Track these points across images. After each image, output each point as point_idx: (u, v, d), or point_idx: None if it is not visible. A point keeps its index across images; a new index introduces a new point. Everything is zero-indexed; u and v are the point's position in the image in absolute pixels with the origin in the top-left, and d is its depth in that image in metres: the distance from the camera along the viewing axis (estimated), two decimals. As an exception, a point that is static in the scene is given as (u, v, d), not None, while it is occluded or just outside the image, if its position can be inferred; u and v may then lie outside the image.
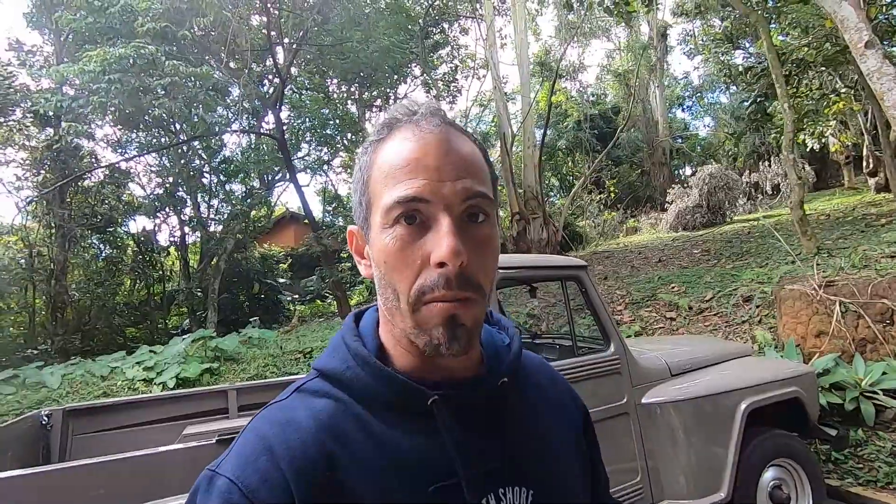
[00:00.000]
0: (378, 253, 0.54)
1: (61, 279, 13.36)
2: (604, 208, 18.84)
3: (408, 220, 0.52)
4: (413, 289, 0.52)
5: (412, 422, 0.55)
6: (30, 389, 5.42)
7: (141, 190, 15.63)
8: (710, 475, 2.54)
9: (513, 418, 0.61)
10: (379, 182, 0.54)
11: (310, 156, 16.45)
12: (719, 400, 2.62)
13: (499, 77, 14.18)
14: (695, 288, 6.64)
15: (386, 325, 0.59)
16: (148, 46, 6.08)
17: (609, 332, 2.62)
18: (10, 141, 14.29)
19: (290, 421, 0.53)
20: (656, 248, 10.49)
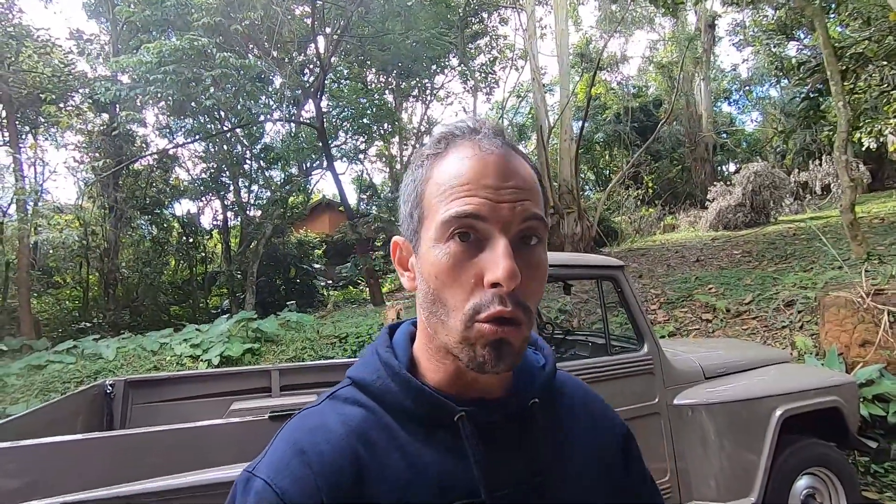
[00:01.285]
0: (429, 267, 0.54)
1: (113, 258, 14.11)
2: (641, 204, 18.43)
3: (462, 236, 0.52)
4: (466, 307, 0.52)
5: (439, 436, 0.56)
6: (88, 360, 5.84)
7: (186, 174, 16.32)
8: (740, 479, 2.54)
9: (541, 440, 0.60)
10: (434, 197, 0.55)
11: (346, 144, 16.73)
12: (753, 405, 2.61)
13: (537, 68, 13.99)
14: (733, 290, 6.48)
15: (424, 338, 0.60)
16: (201, 39, 6.36)
17: (644, 332, 2.64)
18: (68, 125, 15.15)
19: (321, 426, 0.55)
20: (694, 248, 10.23)
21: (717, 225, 13.20)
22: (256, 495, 0.50)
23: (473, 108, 17.35)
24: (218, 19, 6.75)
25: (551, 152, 15.99)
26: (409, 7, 8.60)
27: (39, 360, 5.70)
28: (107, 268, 14.41)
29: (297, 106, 13.43)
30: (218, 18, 6.74)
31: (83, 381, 5.17)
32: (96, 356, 5.81)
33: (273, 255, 15.90)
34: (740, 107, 26.94)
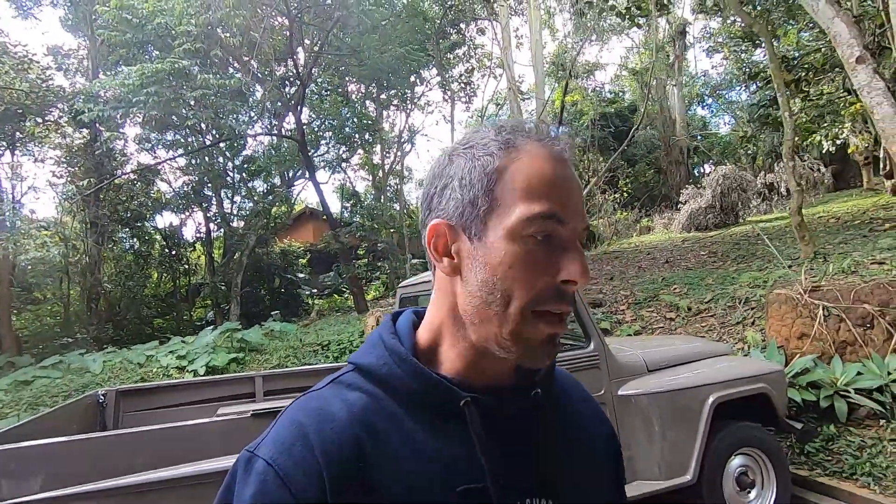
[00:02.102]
0: (502, 257, 0.54)
1: (95, 272, 14.08)
2: (618, 207, 18.94)
3: (543, 235, 0.54)
4: (532, 297, 0.53)
5: (444, 422, 0.56)
6: (74, 374, 5.97)
7: (168, 186, 16.37)
8: (677, 459, 2.86)
9: (544, 430, 0.62)
10: (513, 190, 0.55)
11: (329, 153, 16.93)
12: (688, 393, 2.93)
13: (513, 78, 14.42)
14: (696, 289, 6.86)
15: (445, 325, 0.60)
16: (182, 61, 6.59)
17: (590, 331, 2.95)
18: (47, 140, 15.11)
19: (324, 410, 0.55)
20: (665, 249, 10.66)
21: (688, 226, 13.69)
22: (258, 476, 0.50)
23: (451, 117, 17.71)
24: (199, 45, 6.99)
25: (529, 159, 16.38)
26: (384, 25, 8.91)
27: (26, 376, 5.82)
28: (89, 282, 14.38)
29: (279, 118, 13.63)
30: (199, 45, 6.98)
31: (71, 395, 5.31)
32: (83, 370, 5.95)
33: (257, 266, 16.00)
34: (713, 110, 27.77)
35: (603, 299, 7.47)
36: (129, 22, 6.93)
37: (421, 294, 3.64)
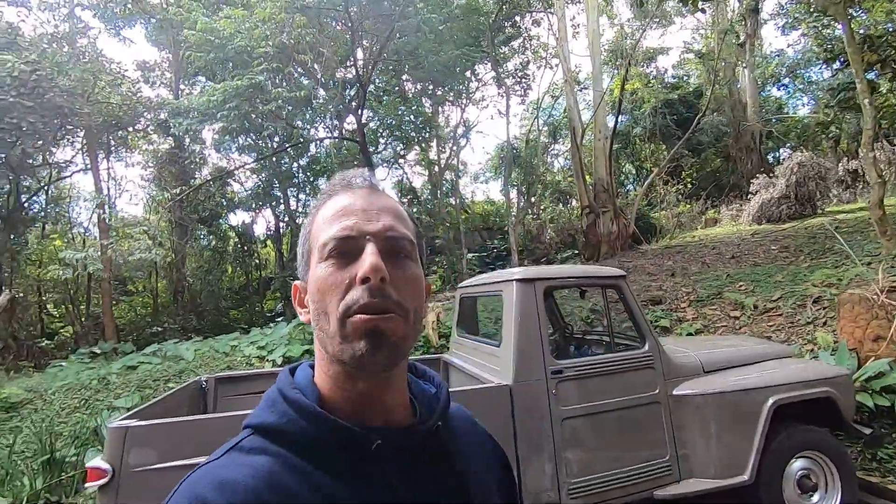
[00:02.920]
0: (314, 284, 0.60)
1: (180, 267, 15.43)
2: (682, 198, 18.19)
3: (339, 253, 0.59)
4: (341, 306, 0.57)
5: (354, 468, 0.56)
6: (171, 361, 6.72)
7: (240, 187, 17.59)
8: (734, 459, 2.91)
9: (447, 461, 0.64)
10: (317, 230, 0.63)
11: (386, 151, 17.46)
12: (746, 395, 2.96)
13: (569, 70, 14.19)
14: (764, 287, 6.61)
15: (322, 366, 0.62)
16: (258, 77, 7.20)
17: (644, 332, 3.04)
18: (136, 147, 16.68)
19: (227, 481, 0.51)
20: (732, 243, 10.22)
21: (759, 218, 12.98)
22: None
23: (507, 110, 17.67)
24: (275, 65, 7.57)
25: (587, 151, 16.11)
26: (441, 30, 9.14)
27: (132, 362, 6.63)
28: (174, 277, 15.81)
29: (340, 120, 14.25)
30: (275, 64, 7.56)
31: (170, 380, 6.02)
32: (178, 357, 6.68)
33: (322, 261, 16.81)
34: (789, 91, 25.79)
35: (663, 296, 7.36)
36: (211, 43, 7.65)
37: (480, 295, 3.85)
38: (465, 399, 2.76)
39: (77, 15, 13.32)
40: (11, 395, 5.88)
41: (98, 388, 6.03)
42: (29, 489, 4.24)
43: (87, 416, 5.46)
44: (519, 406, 2.73)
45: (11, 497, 4.20)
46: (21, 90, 8.38)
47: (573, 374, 2.87)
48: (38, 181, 14.74)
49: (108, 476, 2.20)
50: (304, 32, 7.05)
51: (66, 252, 10.26)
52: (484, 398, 2.74)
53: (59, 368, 7.43)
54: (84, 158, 15.36)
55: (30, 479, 4.35)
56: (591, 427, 2.84)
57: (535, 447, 2.72)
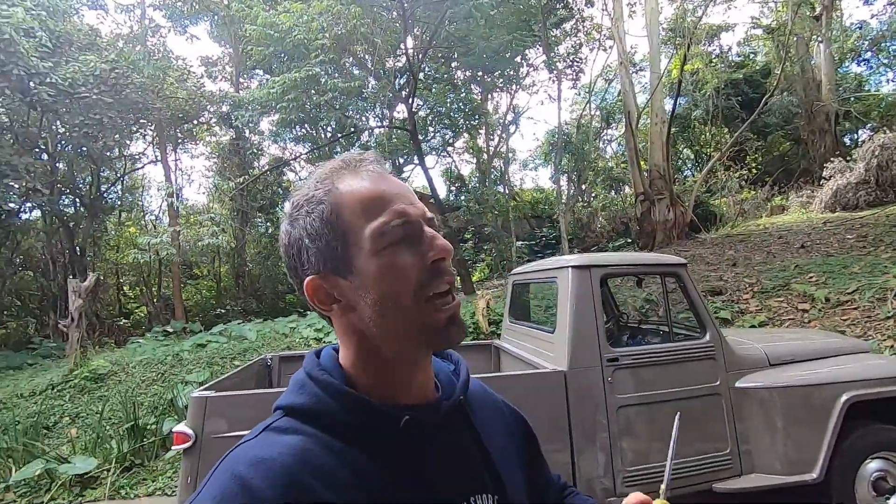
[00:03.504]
0: (376, 273, 0.58)
1: (241, 253, 16.28)
2: (745, 185, 17.18)
3: (399, 237, 0.59)
4: (415, 287, 0.58)
5: (385, 445, 0.58)
6: (236, 340, 7.16)
7: (294, 175, 18.24)
8: (801, 456, 2.79)
9: (471, 434, 0.67)
10: (354, 218, 0.59)
11: (435, 139, 17.52)
12: (816, 390, 2.83)
13: (625, 51, 13.66)
14: (837, 278, 6.19)
15: (359, 354, 0.62)
16: (314, 69, 7.44)
17: (705, 321, 2.96)
18: (201, 139, 17.64)
19: (264, 459, 0.53)
20: (801, 232, 9.60)
21: (833, 205, 12.09)
22: None
23: (558, 95, 17.29)
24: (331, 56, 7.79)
25: (642, 135, 15.50)
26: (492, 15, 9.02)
27: (202, 340, 7.13)
28: (235, 262, 16.71)
29: (390, 109, 14.44)
30: (331, 56, 7.78)
31: (235, 358, 6.43)
32: (242, 337, 7.12)
33: (372, 248, 17.20)
34: (872, 66, 23.61)
35: (724, 287, 7.05)
36: (271, 37, 7.96)
37: (533, 281, 3.85)
38: (519, 383, 2.80)
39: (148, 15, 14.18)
40: (99, 367, 6.48)
41: (172, 364, 6.54)
42: (117, 451, 4.69)
43: (163, 389, 5.94)
44: (573, 392, 2.73)
45: (102, 458, 4.66)
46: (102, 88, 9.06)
47: (629, 362, 2.84)
48: (115, 172, 15.93)
49: (192, 441, 2.41)
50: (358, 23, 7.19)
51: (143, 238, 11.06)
52: (538, 383, 2.76)
53: (138, 345, 8.09)
54: (154, 150, 16.45)
55: (117, 443, 4.81)
56: (647, 416, 2.80)
57: (589, 434, 2.72)
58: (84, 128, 9.43)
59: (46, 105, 8.74)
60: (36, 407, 5.87)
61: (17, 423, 5.39)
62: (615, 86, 20.41)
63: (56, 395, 6.12)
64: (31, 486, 4.39)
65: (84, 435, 5.19)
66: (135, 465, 4.71)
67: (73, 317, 6.80)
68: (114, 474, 4.49)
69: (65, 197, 14.15)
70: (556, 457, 2.66)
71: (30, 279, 14.61)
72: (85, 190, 14.57)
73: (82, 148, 11.66)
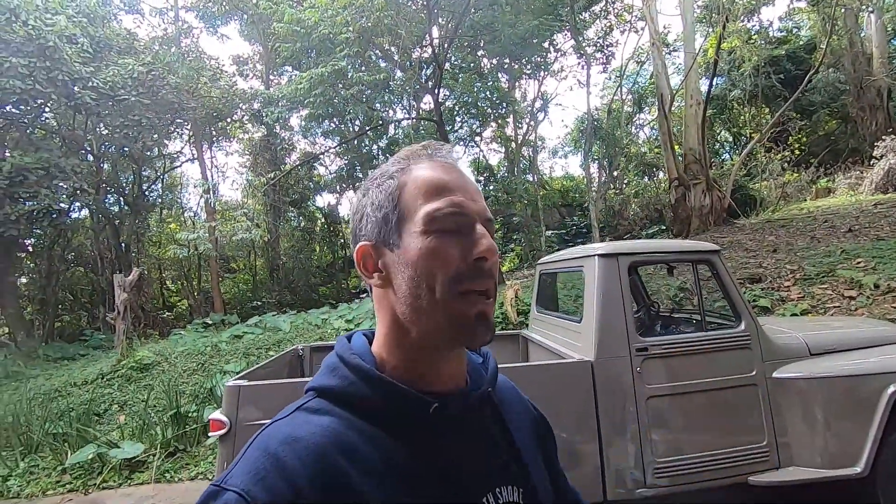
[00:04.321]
0: (418, 252, 0.59)
1: (275, 247, 16.69)
2: (788, 167, 16.40)
3: (448, 225, 0.60)
4: (451, 276, 0.58)
5: (413, 430, 0.59)
6: (270, 331, 7.37)
7: (325, 170, 18.52)
8: (844, 449, 2.67)
9: (498, 425, 0.68)
10: (414, 198, 0.61)
11: (462, 129, 17.43)
12: (860, 380, 2.70)
13: (657, 31, 13.18)
14: (888, 264, 5.85)
15: (393, 336, 0.63)
16: (340, 63, 7.52)
17: (740, 310, 2.85)
18: (234, 136, 18.10)
19: (297, 438, 0.54)
20: (849, 215, 9.11)
21: (885, 186, 11.44)
22: None
23: (587, 80, 16.86)
24: (356, 50, 7.84)
25: (677, 118, 14.98)
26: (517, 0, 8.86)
27: (238, 332, 7.39)
28: (270, 256, 17.16)
29: (417, 100, 14.42)
30: (356, 49, 7.83)
31: (270, 348, 6.63)
32: (276, 329, 7.33)
33: (402, 240, 17.32)
34: (930, 36, 21.98)
35: (763, 274, 6.77)
36: (297, 33, 8.07)
37: (560, 271, 3.80)
38: (547, 373, 2.78)
39: (181, 17, 14.59)
40: (144, 357, 6.81)
41: (211, 354, 6.80)
42: (161, 437, 4.93)
43: (203, 378, 6.19)
44: (601, 382, 2.70)
45: (148, 443, 4.91)
46: (139, 90, 9.41)
47: (660, 352, 2.77)
48: (155, 171, 16.57)
49: (227, 428, 2.51)
50: (382, 15, 7.21)
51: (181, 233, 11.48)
52: (565, 373, 2.74)
53: (179, 336, 8.44)
54: (191, 149, 16.99)
55: (161, 429, 5.05)
56: (678, 407, 2.74)
57: (618, 424, 2.68)
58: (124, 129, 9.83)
59: (90, 108, 9.16)
60: (88, 395, 6.22)
61: (71, 409, 5.74)
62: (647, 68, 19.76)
63: (105, 383, 6.47)
64: (86, 469, 4.67)
65: (131, 422, 5.47)
66: (178, 450, 4.94)
67: (118, 310, 7.16)
68: (159, 459, 4.73)
69: (110, 196, 14.85)
70: (585, 447, 2.63)
71: (81, 275, 15.44)
72: (128, 189, 15.23)
73: (124, 148, 12.18)
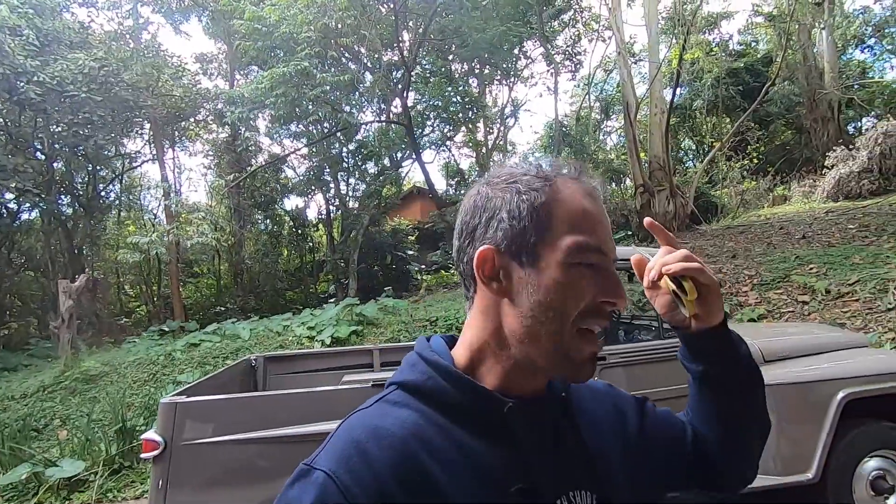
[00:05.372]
0: (554, 281, 0.59)
1: (240, 251, 16.22)
2: (747, 175, 16.99)
3: (590, 261, 0.60)
4: (579, 313, 0.59)
5: (489, 429, 0.60)
6: (229, 339, 7.09)
7: (293, 173, 18.13)
8: (797, 456, 2.69)
9: (573, 429, 0.67)
10: (561, 222, 0.60)
11: (433, 133, 17.38)
12: (811, 387, 2.72)
13: (623, 41, 13.46)
14: (838, 269, 6.07)
15: (482, 344, 0.64)
16: (304, 63, 7.33)
17: (696, 318, 2.84)
18: (197, 136, 17.55)
19: (379, 427, 0.57)
20: (803, 222, 9.46)
21: (835, 195, 11.93)
22: (317, 486, 0.52)
23: (555, 87, 17.09)
24: (317, 49, 7.66)
25: (643, 126, 15.32)
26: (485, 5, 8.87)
27: (194, 340, 7.07)
28: (234, 260, 16.65)
29: (387, 103, 14.29)
30: (317, 48, 7.65)
31: (228, 357, 6.36)
32: (235, 336, 7.05)
33: (371, 243, 17.14)
34: (875, 53, 23.26)
35: (723, 279, 6.92)
36: (259, 31, 7.84)
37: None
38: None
39: (139, 11, 14.03)
40: (90, 368, 6.43)
41: (165, 364, 6.48)
42: (105, 454, 4.63)
43: (154, 390, 5.88)
44: (559, 392, 2.64)
45: (91, 460, 4.61)
46: (91, 86, 8.96)
47: (618, 360, 2.74)
48: (112, 171, 15.86)
49: (161, 448, 2.33)
50: (345, 15, 7.07)
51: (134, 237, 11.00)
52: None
53: (132, 344, 8.04)
54: (151, 149, 16.35)
55: (105, 445, 4.75)
56: (636, 416, 2.70)
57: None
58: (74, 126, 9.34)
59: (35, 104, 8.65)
60: (26, 409, 5.83)
61: (5, 426, 5.35)
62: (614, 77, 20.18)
63: (47, 396, 6.08)
64: (19, 490, 4.35)
65: (73, 437, 5.14)
66: (123, 467, 4.66)
67: (63, 317, 6.75)
68: (101, 477, 4.44)
69: (63, 197, 14.10)
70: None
71: (30, 279, 14.61)
72: (82, 189, 14.52)
73: (77, 147, 11.59)
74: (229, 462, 2.48)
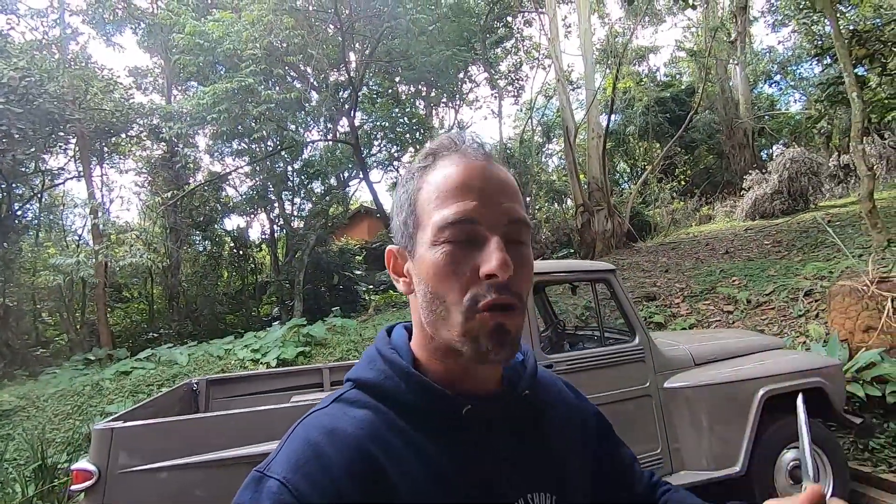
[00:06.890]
0: (428, 267, 0.56)
1: (175, 273, 15.36)
2: (677, 195, 18.26)
3: (457, 236, 0.55)
4: (465, 299, 0.54)
5: (446, 430, 0.58)
6: (165, 365, 6.68)
7: (234, 192, 17.52)
8: (725, 451, 2.91)
9: (534, 428, 0.65)
10: (428, 203, 0.58)
11: (381, 153, 17.44)
12: (736, 386, 2.97)
13: (562, 69, 14.23)
14: (756, 281, 6.63)
15: (422, 338, 0.62)
16: (248, 79, 7.21)
17: (634, 325, 3.05)
18: (130, 153, 16.62)
19: (335, 429, 0.55)
20: (725, 239, 10.26)
21: (753, 214, 13.04)
22: (270, 495, 0.49)
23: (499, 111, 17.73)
24: (262, 66, 7.58)
25: (580, 150, 16.14)
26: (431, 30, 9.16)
27: (125, 367, 6.60)
28: (170, 282, 15.73)
29: (333, 123, 14.24)
30: (262, 66, 7.57)
31: (164, 384, 5.99)
32: (172, 362, 6.65)
33: (317, 264, 16.76)
34: (781, 87, 25.95)
35: (657, 292, 7.37)
36: (201, 46, 7.64)
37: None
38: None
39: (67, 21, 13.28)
40: (3, 402, 5.84)
41: (91, 394, 6.00)
42: (21, 496, 4.21)
43: (79, 423, 5.42)
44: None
45: (3, 504, 4.17)
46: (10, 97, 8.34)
47: (564, 367, 2.87)
48: (30, 189, 14.66)
49: (94, 478, 2.18)
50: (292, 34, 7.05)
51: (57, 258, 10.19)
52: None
53: (53, 375, 7.39)
54: (77, 165, 15.30)
55: (21, 486, 4.32)
56: (582, 421, 2.83)
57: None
58: (-10, 140, 8.63)
59: (-55, 115, 7.92)
60: (-75, 452, 5.18)
61: None
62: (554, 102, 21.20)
63: (-50, 436, 5.44)
64: (-86, 544, 3.85)
65: (-18, 480, 4.63)
66: (43, 509, 4.25)
67: (-28, 348, 6.10)
68: (17, 522, 4.03)
69: (-29, 216, 12.82)
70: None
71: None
72: (-6, 208, 13.28)
73: (-9, 162, 10.65)
74: (171, 490, 2.36)
